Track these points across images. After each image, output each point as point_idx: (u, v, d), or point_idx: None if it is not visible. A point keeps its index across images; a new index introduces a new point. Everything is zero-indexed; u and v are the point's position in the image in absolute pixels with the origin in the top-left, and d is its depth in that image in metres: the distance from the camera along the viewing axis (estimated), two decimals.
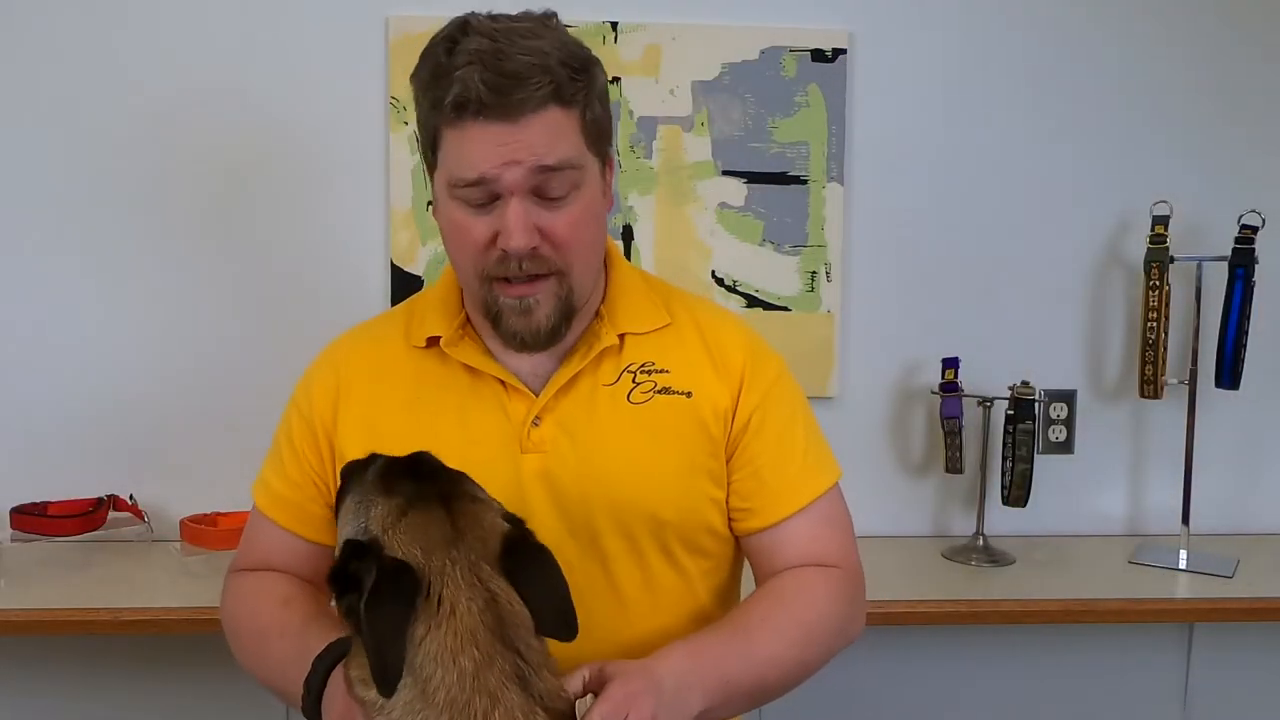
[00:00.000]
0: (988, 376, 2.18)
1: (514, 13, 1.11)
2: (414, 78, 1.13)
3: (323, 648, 1.06)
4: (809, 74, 2.16)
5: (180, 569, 1.92)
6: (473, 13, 1.10)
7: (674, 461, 1.19)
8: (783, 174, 2.17)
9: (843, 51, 2.16)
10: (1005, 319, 2.25)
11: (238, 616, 1.23)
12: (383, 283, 2.13)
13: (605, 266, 1.26)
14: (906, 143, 2.21)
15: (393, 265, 2.12)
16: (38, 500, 1.99)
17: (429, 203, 2.11)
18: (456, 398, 1.20)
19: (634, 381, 1.20)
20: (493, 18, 1.09)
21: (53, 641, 2.03)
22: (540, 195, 1.10)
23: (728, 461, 1.23)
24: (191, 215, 2.09)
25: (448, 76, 1.06)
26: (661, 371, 1.21)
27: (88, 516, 1.98)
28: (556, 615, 0.95)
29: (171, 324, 2.10)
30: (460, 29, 1.08)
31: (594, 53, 1.14)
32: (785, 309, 2.20)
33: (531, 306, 1.13)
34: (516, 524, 1.00)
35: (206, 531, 1.93)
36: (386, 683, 0.88)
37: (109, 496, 2.02)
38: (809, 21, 2.16)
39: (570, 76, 1.08)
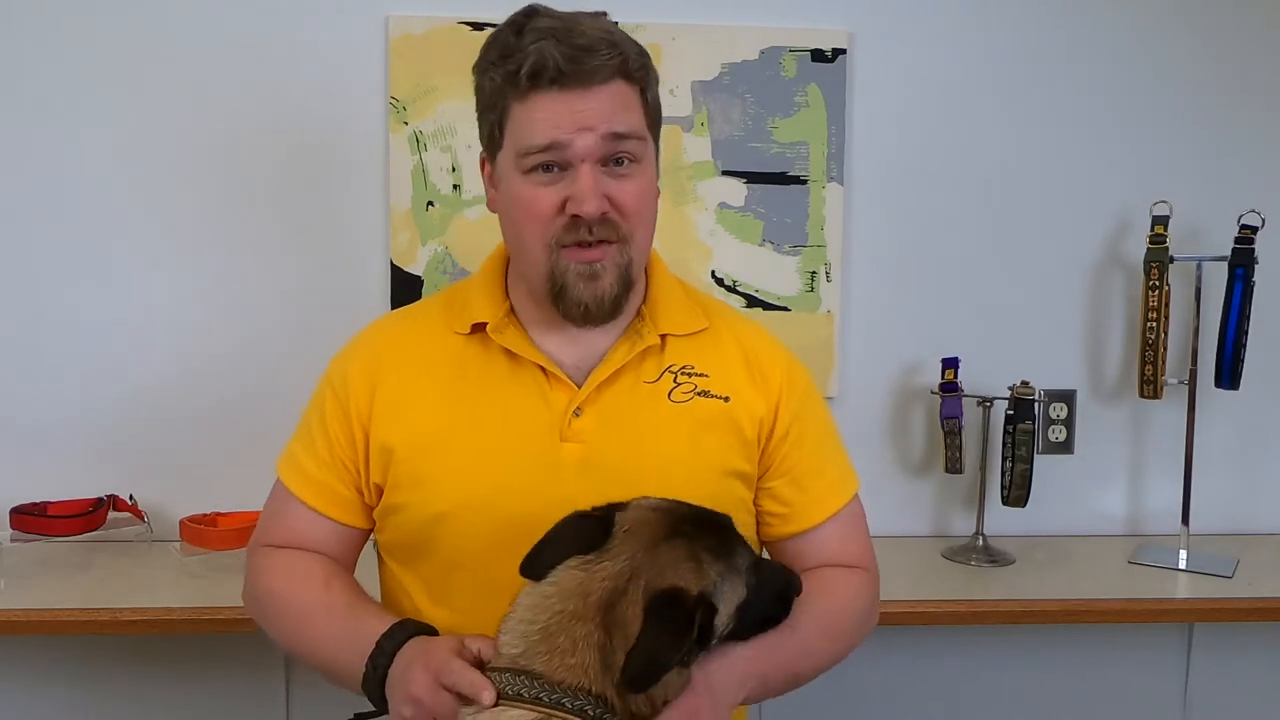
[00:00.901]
0: (988, 376, 2.18)
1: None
2: (478, 64, 1.18)
3: (383, 629, 1.10)
4: (809, 74, 2.16)
5: (180, 569, 1.92)
6: (535, 3, 1.17)
7: (710, 461, 1.23)
8: (782, 174, 2.17)
9: (843, 51, 2.16)
10: (1005, 319, 2.25)
11: (274, 594, 1.23)
12: (383, 283, 2.12)
13: (646, 268, 1.29)
14: (906, 143, 2.21)
15: (393, 265, 2.12)
16: (38, 500, 1.99)
17: (429, 203, 2.11)
18: (497, 384, 1.23)
19: (675, 381, 1.24)
20: (561, 12, 1.16)
21: (53, 641, 2.03)
22: (607, 165, 1.15)
23: (765, 469, 1.27)
24: (190, 216, 2.09)
25: (521, 52, 1.12)
26: (701, 375, 1.25)
27: (88, 516, 1.97)
28: (638, 667, 0.94)
29: (171, 324, 2.10)
30: (526, 14, 1.15)
31: None
32: (785, 309, 2.20)
33: (599, 272, 1.17)
34: (698, 601, 0.98)
35: (206, 531, 1.93)
36: (528, 564, 1.01)
37: (109, 496, 2.02)
38: (809, 21, 2.16)
39: (636, 54, 1.16)
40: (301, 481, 1.27)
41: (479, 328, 1.24)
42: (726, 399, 1.24)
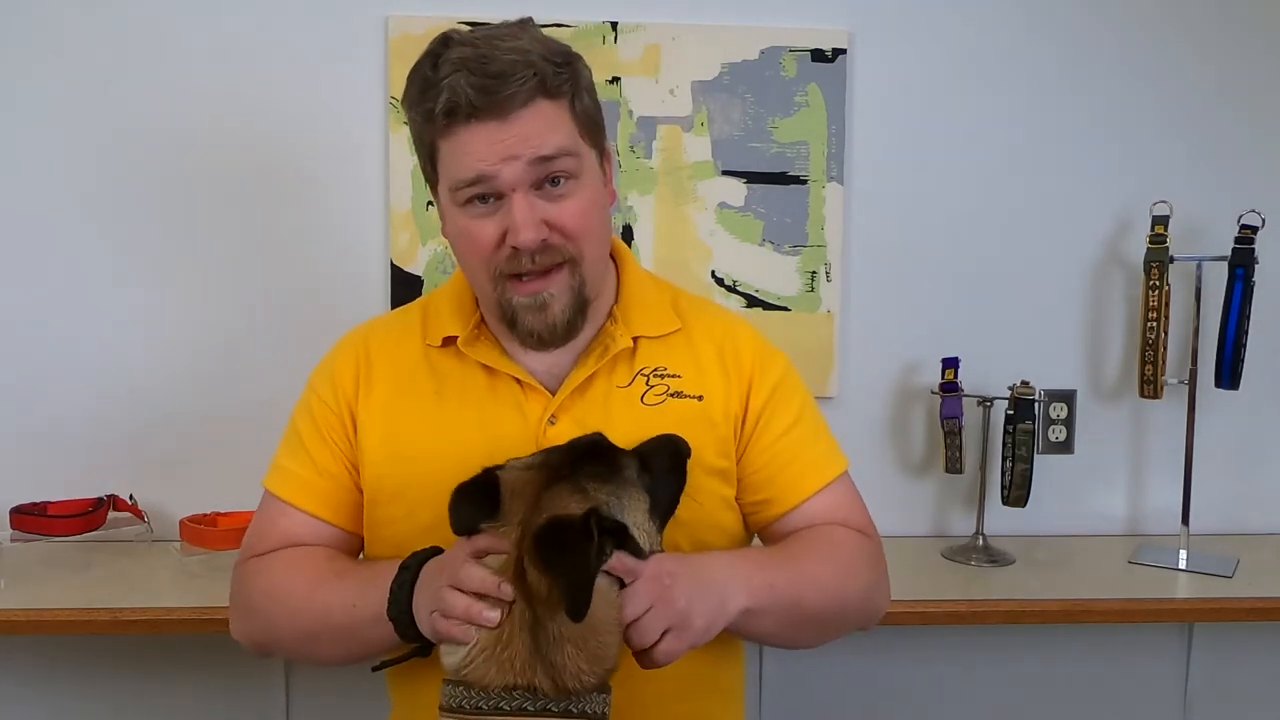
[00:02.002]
0: (988, 376, 2.18)
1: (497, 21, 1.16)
2: (404, 98, 1.16)
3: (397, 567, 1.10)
4: (809, 74, 2.16)
5: (180, 569, 1.92)
6: (452, 29, 1.14)
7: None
8: (783, 174, 2.17)
9: (843, 51, 2.16)
10: (1005, 319, 2.25)
11: (272, 589, 1.21)
12: (383, 283, 2.12)
13: (617, 268, 1.29)
14: (906, 143, 2.21)
15: (393, 265, 2.12)
16: (38, 500, 1.99)
17: (429, 203, 2.11)
18: (475, 396, 1.22)
19: (647, 384, 1.24)
20: (472, 28, 1.14)
21: (53, 641, 2.04)
22: (542, 188, 1.12)
23: (740, 457, 1.27)
24: (191, 216, 2.09)
25: (435, 87, 1.09)
26: (674, 376, 1.25)
27: (88, 516, 1.97)
28: (567, 598, 0.96)
29: (172, 324, 2.10)
30: (442, 43, 1.12)
31: (577, 51, 1.18)
32: (785, 309, 2.20)
33: (547, 301, 1.16)
34: (587, 515, 0.99)
35: (206, 531, 1.93)
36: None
37: (109, 496, 2.02)
38: (809, 21, 2.16)
39: (554, 70, 1.12)
40: (300, 491, 1.25)
41: (450, 341, 1.24)
42: (700, 398, 1.24)
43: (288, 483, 1.26)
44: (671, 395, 1.23)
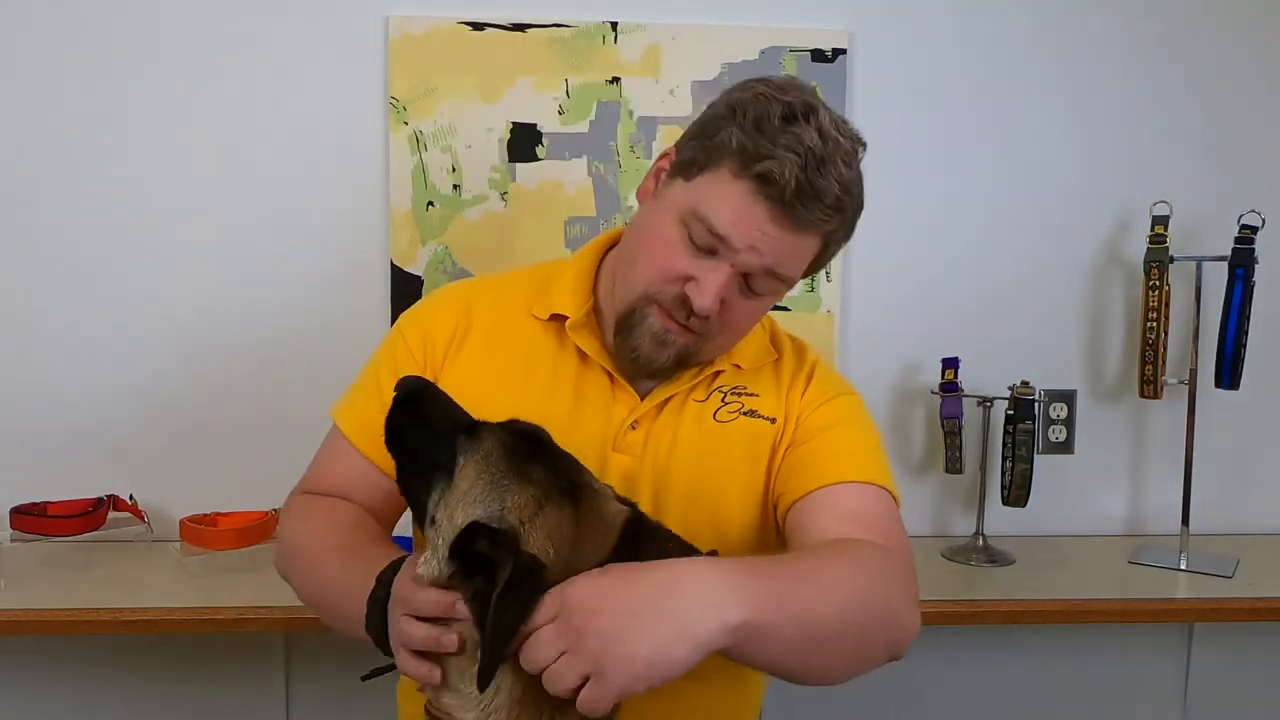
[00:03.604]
0: (988, 376, 2.18)
1: (843, 120, 1.16)
2: (730, 101, 1.13)
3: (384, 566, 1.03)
4: (809, 74, 2.16)
5: (180, 569, 1.91)
6: (819, 99, 1.13)
7: (744, 484, 1.22)
8: None
9: (843, 51, 2.16)
10: (1005, 319, 2.25)
11: (302, 534, 1.20)
12: (383, 283, 2.12)
13: None
14: (906, 143, 2.21)
15: (393, 265, 2.12)
16: (38, 500, 1.99)
17: (429, 203, 2.11)
18: (565, 380, 1.22)
19: (723, 401, 1.24)
20: (834, 119, 1.13)
21: (53, 641, 2.04)
22: (743, 279, 1.13)
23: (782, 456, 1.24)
24: (189, 215, 2.09)
25: (771, 143, 1.08)
26: (751, 395, 1.25)
27: (88, 516, 1.97)
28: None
29: (171, 324, 2.10)
30: (808, 109, 1.10)
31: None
32: (785, 309, 2.19)
33: (668, 343, 1.16)
34: (630, 508, 0.98)
35: (206, 531, 1.93)
36: (487, 678, 0.86)
37: (109, 496, 2.02)
38: (809, 21, 2.16)
39: (845, 225, 1.15)
40: (361, 430, 1.22)
41: (556, 318, 1.23)
42: (773, 420, 1.23)
43: (355, 423, 1.24)
44: (745, 414, 1.23)
